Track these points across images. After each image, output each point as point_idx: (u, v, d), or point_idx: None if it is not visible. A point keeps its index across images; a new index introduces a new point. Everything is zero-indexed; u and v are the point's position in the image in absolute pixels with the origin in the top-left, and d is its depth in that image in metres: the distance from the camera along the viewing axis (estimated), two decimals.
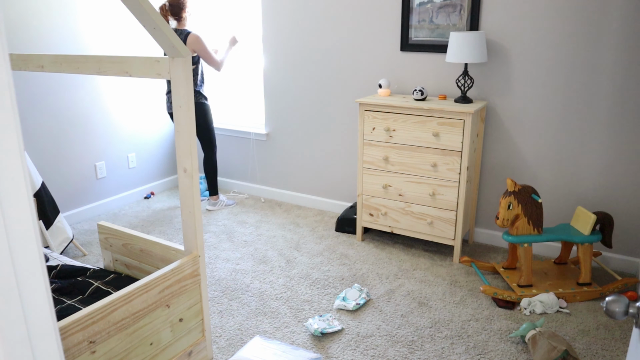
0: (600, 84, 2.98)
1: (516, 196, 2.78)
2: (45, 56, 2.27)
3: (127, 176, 4.33)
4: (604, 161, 3.07)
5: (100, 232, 2.58)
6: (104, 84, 4.00)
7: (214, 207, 4.20)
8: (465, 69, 3.17)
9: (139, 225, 3.92)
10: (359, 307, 2.78)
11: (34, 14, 3.46)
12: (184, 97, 1.97)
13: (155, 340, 2.02)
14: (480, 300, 2.85)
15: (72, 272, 2.52)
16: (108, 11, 3.93)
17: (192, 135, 2.02)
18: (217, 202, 4.20)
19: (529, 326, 2.42)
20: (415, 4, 3.39)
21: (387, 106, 3.24)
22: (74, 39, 3.73)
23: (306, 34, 3.88)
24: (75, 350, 1.69)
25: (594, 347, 2.44)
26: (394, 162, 3.31)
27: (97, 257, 3.40)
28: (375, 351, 2.44)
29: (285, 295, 2.92)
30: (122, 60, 2.05)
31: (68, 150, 3.83)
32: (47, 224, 3.25)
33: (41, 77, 3.58)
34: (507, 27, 3.15)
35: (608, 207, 3.12)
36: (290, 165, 4.27)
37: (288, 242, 3.60)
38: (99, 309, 1.75)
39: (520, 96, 3.22)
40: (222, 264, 3.29)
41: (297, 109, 4.09)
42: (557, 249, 3.33)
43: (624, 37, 2.85)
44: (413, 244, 3.57)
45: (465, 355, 2.40)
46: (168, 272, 2.02)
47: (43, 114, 3.62)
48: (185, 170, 2.06)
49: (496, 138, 3.36)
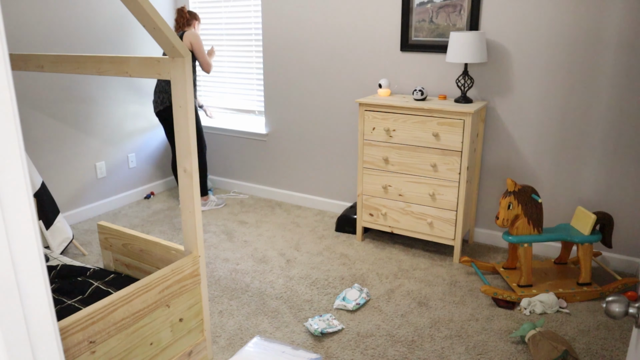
0: (600, 83, 2.98)
1: (516, 196, 2.78)
2: (45, 56, 2.27)
3: (127, 176, 4.33)
4: (604, 161, 3.07)
5: (100, 232, 2.58)
6: (104, 84, 4.00)
7: (204, 207, 4.22)
8: (465, 69, 3.17)
9: (139, 225, 3.92)
10: (358, 307, 2.78)
11: (34, 14, 3.46)
12: (183, 97, 1.96)
13: (155, 340, 2.02)
14: (480, 300, 2.86)
15: (72, 272, 2.52)
16: (108, 11, 3.93)
17: (192, 135, 2.02)
18: (207, 202, 4.22)
19: (529, 326, 2.42)
20: (415, 4, 3.39)
21: (387, 106, 3.24)
22: (74, 39, 3.73)
23: (306, 33, 3.88)
24: (75, 350, 1.69)
25: (594, 347, 2.44)
26: (394, 162, 3.31)
27: (97, 257, 3.40)
28: (375, 351, 2.44)
29: (285, 295, 2.92)
30: (122, 60, 2.05)
31: (68, 150, 3.82)
32: (47, 224, 3.25)
33: (41, 77, 3.58)
34: (507, 27, 3.15)
35: (608, 207, 3.12)
36: (290, 165, 4.27)
37: (288, 242, 3.60)
38: (99, 309, 1.75)
39: (520, 96, 3.22)
40: (222, 264, 3.29)
41: (297, 109, 4.09)
42: (557, 249, 3.33)
43: (624, 37, 2.85)
44: (413, 244, 3.57)
45: (465, 355, 2.40)
46: (168, 272, 2.02)
47: (43, 114, 3.63)
48: (185, 170, 2.06)
49: (496, 138, 3.36)
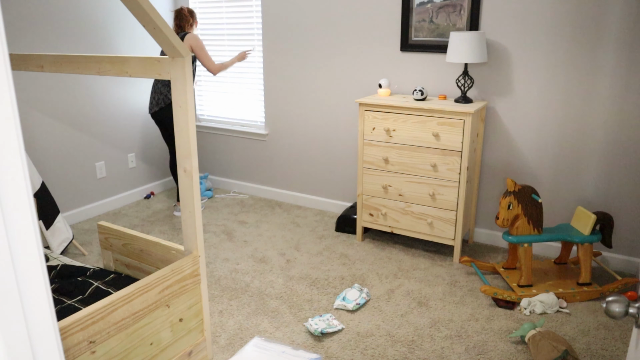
0: (599, 83, 2.98)
1: (516, 196, 2.78)
2: (45, 56, 2.27)
3: (127, 176, 4.33)
4: (604, 161, 3.07)
5: (100, 232, 2.58)
6: (104, 84, 4.00)
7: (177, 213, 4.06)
8: (465, 69, 3.17)
9: (139, 225, 3.92)
10: (358, 307, 2.78)
11: (35, 14, 3.46)
12: (183, 97, 1.96)
13: (155, 340, 2.02)
14: (480, 300, 2.86)
15: (72, 272, 2.52)
16: (108, 11, 3.93)
17: (192, 135, 2.02)
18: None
19: (529, 326, 2.42)
20: (415, 4, 3.39)
21: (387, 106, 3.24)
22: (74, 39, 3.73)
23: (306, 33, 3.88)
24: (75, 350, 1.69)
25: (594, 347, 2.44)
26: (394, 162, 3.30)
27: (97, 257, 3.40)
28: (375, 351, 2.44)
29: (285, 295, 2.92)
30: (122, 60, 2.05)
31: (68, 150, 3.82)
32: (47, 224, 3.25)
33: (41, 77, 3.58)
34: (507, 27, 3.15)
35: (608, 207, 3.12)
36: (290, 165, 4.27)
37: (288, 242, 3.60)
38: (99, 309, 1.75)
39: (520, 96, 3.22)
40: (222, 264, 3.29)
41: (297, 109, 4.09)
42: (557, 249, 3.33)
43: (624, 37, 2.85)
44: (413, 244, 3.57)
45: (465, 355, 2.40)
46: (168, 272, 2.02)
47: (43, 114, 3.63)
48: (185, 170, 2.06)
49: (496, 138, 3.36)
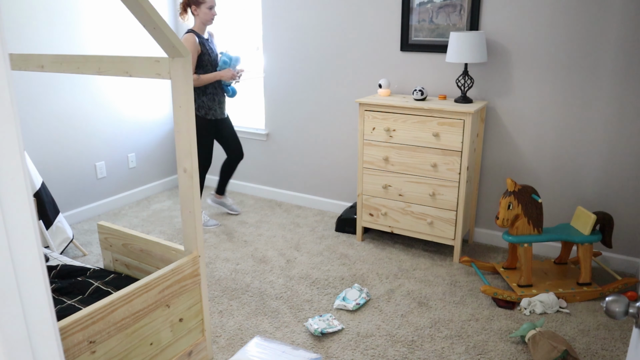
0: (599, 83, 2.98)
1: (516, 196, 2.78)
2: (45, 56, 2.27)
3: (127, 176, 4.33)
4: (604, 161, 3.07)
5: (100, 232, 2.58)
6: (104, 84, 4.00)
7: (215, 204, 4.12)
8: (465, 69, 3.17)
9: (139, 225, 3.92)
10: (359, 307, 2.78)
11: (34, 14, 3.46)
12: (183, 98, 1.97)
13: (155, 340, 2.02)
14: (480, 300, 2.85)
15: (72, 272, 2.51)
16: (108, 11, 3.93)
17: (192, 135, 2.02)
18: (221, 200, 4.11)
19: (529, 326, 2.42)
20: (415, 4, 3.39)
21: (387, 106, 3.24)
22: (74, 39, 3.73)
23: (306, 33, 3.88)
24: (75, 350, 1.69)
25: (594, 347, 2.44)
26: (394, 162, 3.30)
27: (97, 257, 3.40)
28: (375, 351, 2.44)
29: (285, 295, 2.92)
30: (122, 60, 2.05)
31: (68, 150, 3.82)
32: (47, 224, 3.25)
33: (41, 77, 3.58)
34: (507, 27, 3.15)
35: (608, 207, 3.12)
36: (290, 165, 4.27)
37: (288, 242, 3.60)
38: (99, 309, 1.75)
39: (520, 96, 3.22)
40: (222, 264, 3.29)
41: (297, 109, 4.09)
42: (557, 249, 3.33)
43: (624, 37, 2.85)
44: (413, 244, 3.57)
45: (465, 355, 2.40)
46: (168, 272, 2.02)
47: (43, 114, 3.62)
48: (185, 170, 2.06)
49: (496, 138, 3.36)
